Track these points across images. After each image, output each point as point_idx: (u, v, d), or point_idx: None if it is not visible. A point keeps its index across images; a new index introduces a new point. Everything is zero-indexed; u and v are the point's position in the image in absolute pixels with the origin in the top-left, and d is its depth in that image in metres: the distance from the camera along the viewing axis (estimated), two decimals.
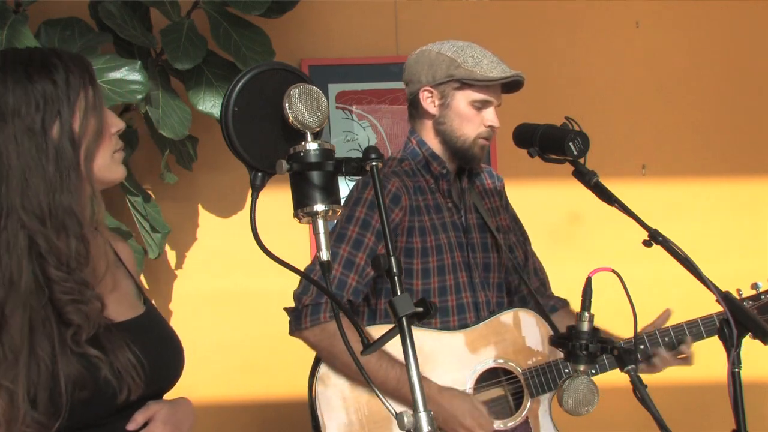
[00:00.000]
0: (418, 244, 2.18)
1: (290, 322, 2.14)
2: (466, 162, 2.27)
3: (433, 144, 2.26)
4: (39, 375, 1.36)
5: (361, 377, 2.04)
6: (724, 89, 3.42)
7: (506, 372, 2.24)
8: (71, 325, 1.40)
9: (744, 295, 2.22)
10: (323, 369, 2.15)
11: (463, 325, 2.22)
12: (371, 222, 2.12)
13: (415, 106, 2.28)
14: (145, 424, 1.50)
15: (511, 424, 2.21)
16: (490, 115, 2.22)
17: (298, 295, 2.12)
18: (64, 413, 1.37)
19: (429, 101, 2.23)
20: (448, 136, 2.23)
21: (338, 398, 2.14)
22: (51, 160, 1.41)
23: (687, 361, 2.25)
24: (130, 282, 1.65)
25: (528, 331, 2.25)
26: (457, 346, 2.19)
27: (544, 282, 2.46)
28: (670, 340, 2.23)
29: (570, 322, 2.28)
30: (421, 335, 2.14)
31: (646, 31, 3.38)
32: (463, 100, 2.20)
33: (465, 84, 2.19)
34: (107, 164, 1.50)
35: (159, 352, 1.55)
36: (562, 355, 2.16)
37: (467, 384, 2.20)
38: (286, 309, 2.16)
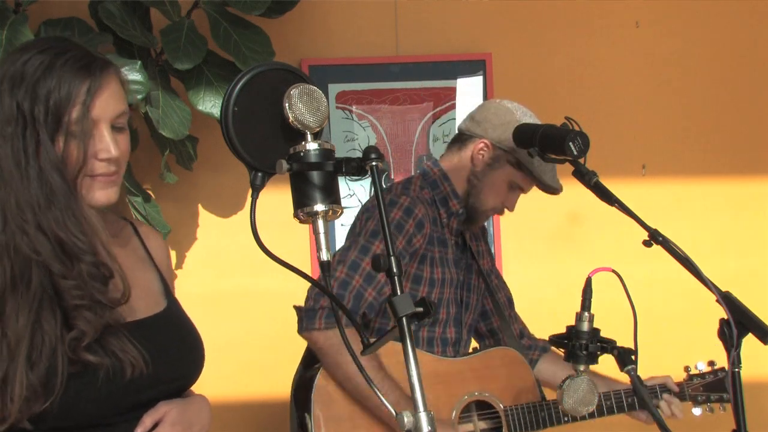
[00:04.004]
0: (427, 274, 2.22)
1: (301, 319, 2.10)
2: (468, 220, 2.31)
3: (459, 185, 2.29)
4: (43, 344, 1.33)
5: (357, 393, 2.05)
6: (724, 89, 3.41)
7: (487, 406, 2.23)
8: (74, 329, 1.35)
9: (692, 372, 2.33)
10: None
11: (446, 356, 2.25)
12: (395, 242, 2.12)
13: (465, 145, 2.30)
14: (155, 426, 1.45)
15: None
16: (513, 201, 2.30)
17: (315, 296, 2.10)
18: (59, 388, 1.33)
19: (480, 153, 2.26)
20: (474, 192, 2.27)
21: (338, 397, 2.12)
22: (34, 179, 1.37)
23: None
24: (155, 276, 1.61)
25: (513, 369, 2.28)
26: (446, 373, 2.20)
27: (524, 325, 2.53)
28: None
29: (560, 364, 2.37)
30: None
31: (646, 31, 3.38)
32: (506, 174, 2.25)
33: (519, 165, 2.22)
34: (86, 188, 1.44)
35: (174, 350, 1.52)
36: (541, 397, 2.25)
37: (452, 414, 2.19)
38: (296, 307, 2.14)
